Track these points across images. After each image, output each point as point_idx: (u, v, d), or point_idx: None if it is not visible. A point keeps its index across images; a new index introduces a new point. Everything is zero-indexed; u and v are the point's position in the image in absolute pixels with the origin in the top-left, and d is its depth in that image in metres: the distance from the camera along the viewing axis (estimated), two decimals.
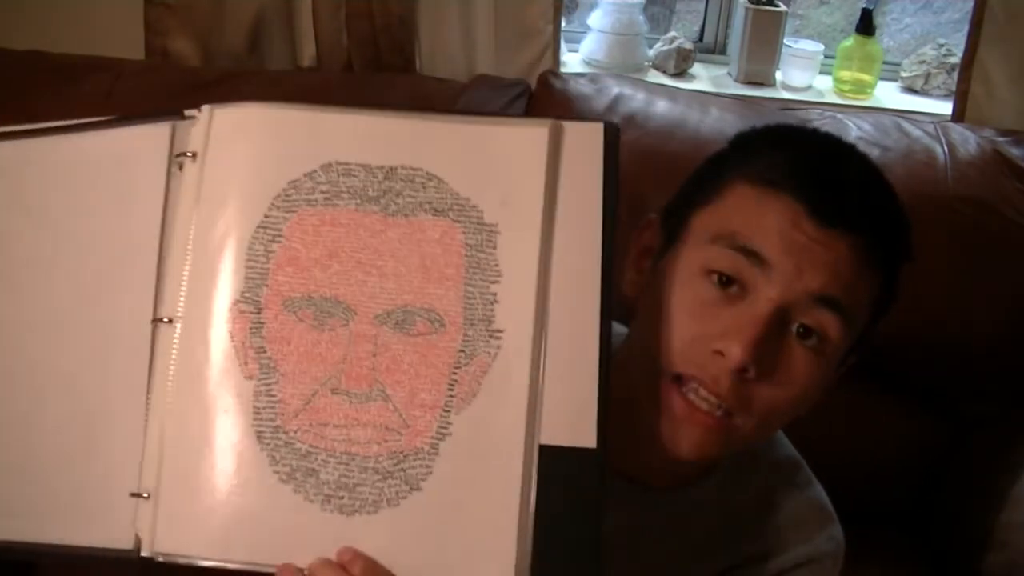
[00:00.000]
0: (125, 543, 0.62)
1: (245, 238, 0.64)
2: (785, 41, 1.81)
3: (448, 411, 0.60)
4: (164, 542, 0.61)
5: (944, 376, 1.40)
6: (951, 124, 1.49)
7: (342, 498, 0.60)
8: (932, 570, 1.38)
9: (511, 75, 1.52)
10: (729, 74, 1.85)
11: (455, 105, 1.39)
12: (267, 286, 0.63)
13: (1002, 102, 1.53)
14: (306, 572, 0.59)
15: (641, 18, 1.84)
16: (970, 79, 1.54)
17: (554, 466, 0.58)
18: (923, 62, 1.83)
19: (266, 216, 0.64)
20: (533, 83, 1.48)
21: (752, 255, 0.71)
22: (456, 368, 0.61)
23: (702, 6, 1.94)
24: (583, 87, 1.43)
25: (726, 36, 1.91)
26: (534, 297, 0.61)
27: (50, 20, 1.57)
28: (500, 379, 0.60)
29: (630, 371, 0.74)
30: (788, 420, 0.78)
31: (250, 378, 0.62)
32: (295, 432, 0.61)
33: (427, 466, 0.60)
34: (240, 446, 0.61)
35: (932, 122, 1.46)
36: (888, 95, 1.83)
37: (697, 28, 1.98)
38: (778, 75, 1.82)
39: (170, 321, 0.64)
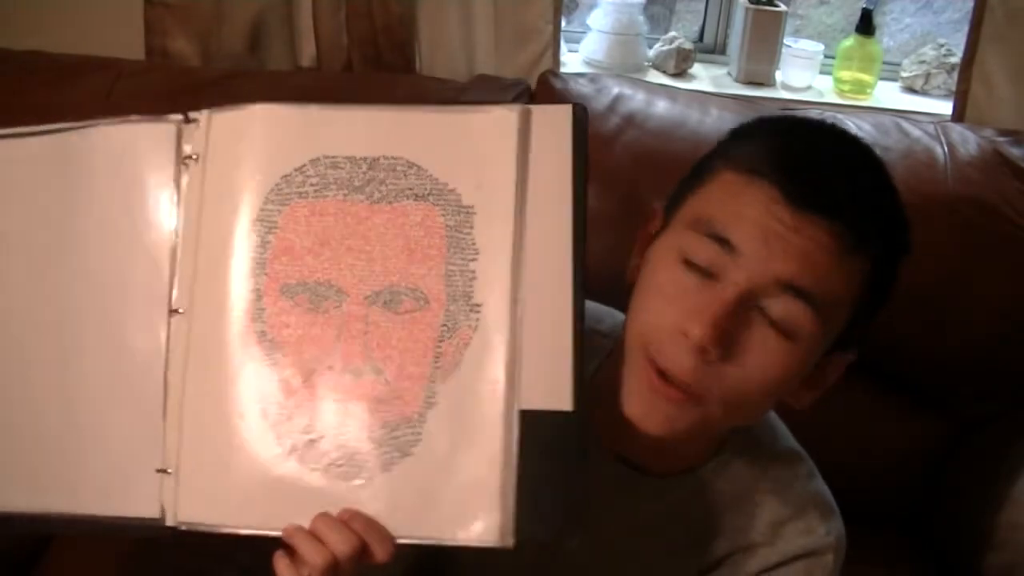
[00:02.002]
0: (151, 513, 0.68)
1: (244, 231, 0.69)
2: (785, 41, 1.81)
3: (434, 382, 0.65)
4: (185, 513, 0.68)
5: (944, 376, 1.40)
6: (951, 124, 1.49)
7: (341, 466, 0.65)
8: (932, 570, 1.38)
9: (511, 75, 1.52)
10: (729, 74, 1.85)
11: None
12: (266, 275, 0.68)
13: (1002, 102, 1.53)
14: (309, 529, 0.64)
15: (641, 18, 1.84)
16: (970, 79, 1.54)
17: (534, 429, 0.62)
18: (923, 62, 1.83)
19: (262, 210, 0.69)
20: (533, 83, 1.48)
21: (724, 242, 0.72)
22: (440, 341, 0.65)
23: (702, 6, 1.94)
24: (583, 87, 1.42)
25: (726, 36, 1.91)
26: (509, 272, 0.65)
27: (50, 20, 1.57)
28: (481, 350, 0.64)
29: (620, 355, 0.76)
30: (764, 407, 0.78)
31: (254, 360, 0.67)
32: (296, 407, 0.66)
33: (417, 433, 0.64)
34: (248, 423, 0.66)
35: (932, 122, 1.46)
36: (888, 95, 1.83)
37: (697, 28, 1.98)
38: (778, 75, 1.82)
39: (182, 312, 0.69)
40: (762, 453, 0.86)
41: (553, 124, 0.67)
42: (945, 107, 1.65)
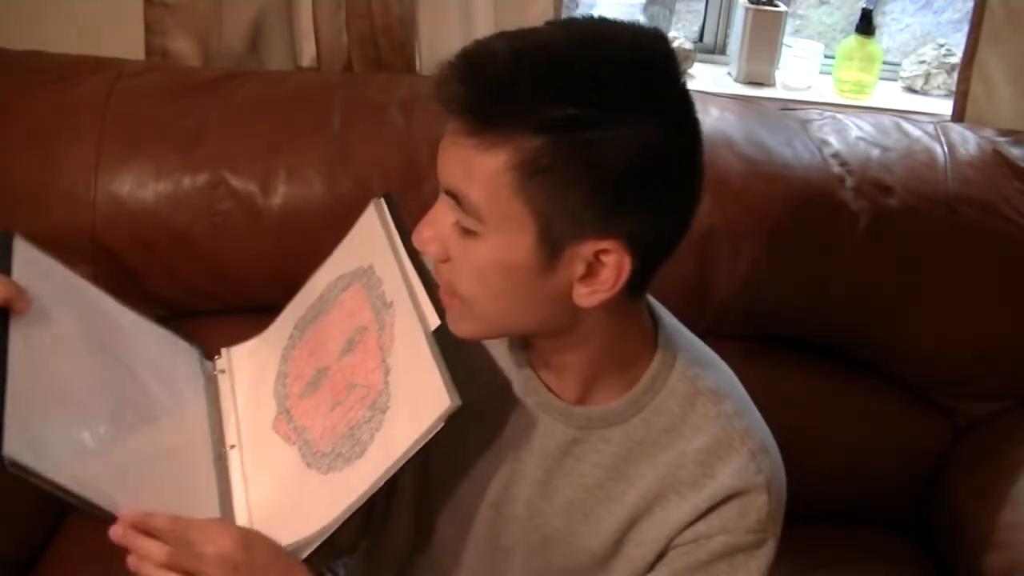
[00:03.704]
0: None
1: (270, 391, 0.99)
2: (785, 41, 1.81)
3: (385, 360, 0.89)
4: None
5: (944, 376, 1.40)
6: (951, 124, 1.49)
7: (355, 454, 0.85)
8: (932, 570, 1.38)
9: None
10: (729, 74, 1.85)
11: None
12: (287, 397, 0.96)
13: (1002, 102, 1.53)
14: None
15: (641, 18, 1.84)
16: (970, 79, 1.54)
17: (437, 336, 0.86)
18: (923, 62, 1.83)
19: (278, 373, 0.99)
20: None
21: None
22: (380, 339, 0.91)
23: (702, 6, 1.94)
24: None
25: (726, 36, 1.91)
26: (400, 275, 0.92)
27: (50, 20, 1.57)
28: (402, 322, 0.89)
29: None
30: (498, 300, 0.78)
31: (293, 443, 0.92)
32: (323, 447, 0.89)
33: (388, 394, 0.86)
34: (302, 481, 0.88)
35: (932, 122, 1.46)
36: (888, 95, 1.83)
37: (697, 28, 1.98)
38: (778, 75, 1.83)
39: (234, 447, 0.95)
40: (686, 389, 0.86)
41: (383, 207, 0.99)
42: (945, 107, 1.66)
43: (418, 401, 0.82)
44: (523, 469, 0.89)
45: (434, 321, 0.87)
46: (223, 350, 1.06)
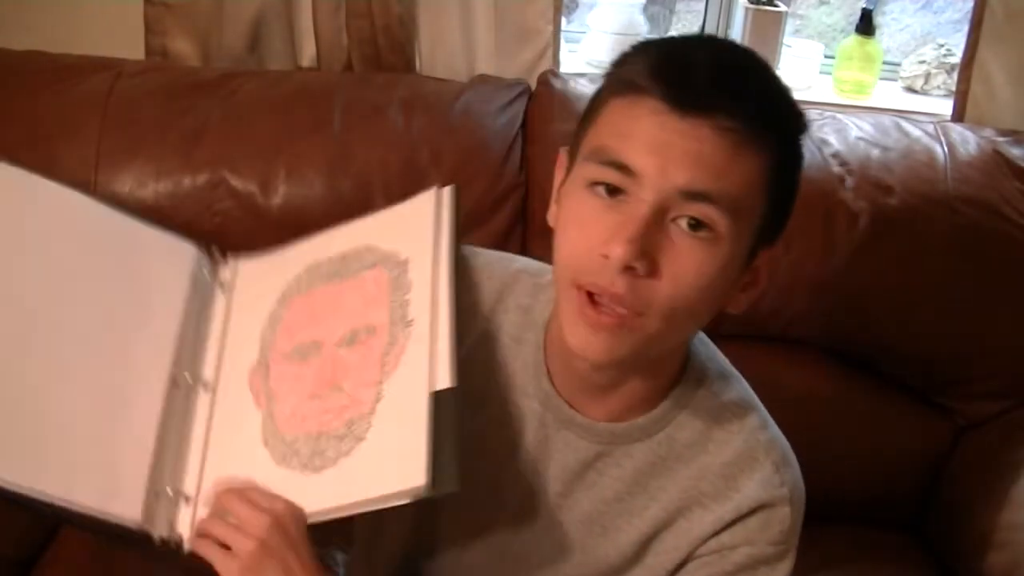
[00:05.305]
0: (134, 521, 0.80)
1: (258, 328, 0.92)
2: (785, 41, 1.81)
3: (381, 383, 0.82)
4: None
5: (944, 376, 1.40)
6: (951, 124, 1.49)
7: (315, 462, 0.81)
8: (932, 570, 1.38)
9: (511, 75, 1.53)
10: None
11: (455, 104, 1.39)
12: (272, 350, 0.90)
13: (1002, 102, 1.53)
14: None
15: (641, 18, 1.84)
16: (970, 79, 1.54)
17: (440, 403, 0.79)
18: (923, 62, 1.83)
19: (273, 311, 0.93)
20: (533, 83, 1.48)
21: (621, 167, 0.73)
22: (385, 355, 0.84)
23: (702, 6, 1.94)
24: (583, 87, 1.43)
25: (726, 36, 1.91)
26: (430, 294, 0.85)
27: (50, 20, 1.57)
28: (413, 353, 0.83)
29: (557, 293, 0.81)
30: (701, 315, 0.78)
31: (260, 408, 0.87)
32: (286, 432, 0.84)
33: (369, 422, 0.81)
34: (253, 453, 0.84)
35: (932, 122, 1.46)
36: (888, 95, 1.83)
37: (697, 28, 1.98)
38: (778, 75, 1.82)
39: (207, 387, 0.90)
40: (711, 403, 0.86)
41: (448, 198, 0.92)
42: (945, 107, 1.65)
43: (393, 460, 0.78)
44: (542, 482, 0.88)
45: (444, 379, 0.79)
46: (231, 257, 0.99)
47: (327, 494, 0.79)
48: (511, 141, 1.38)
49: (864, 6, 1.84)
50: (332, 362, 0.86)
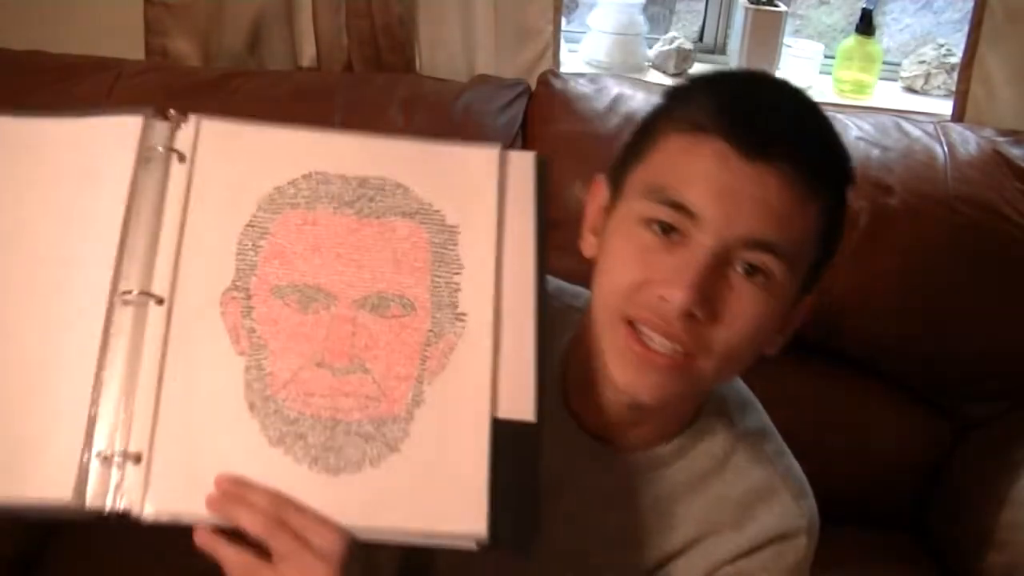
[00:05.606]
0: (64, 497, 0.65)
1: (233, 235, 0.72)
2: (785, 41, 1.81)
3: (421, 382, 0.69)
4: (157, 502, 0.66)
5: (944, 376, 1.40)
6: (951, 124, 1.49)
7: (328, 459, 0.67)
8: (932, 570, 1.38)
9: (511, 75, 1.52)
10: None
11: (455, 104, 1.39)
12: (256, 276, 0.71)
13: (1002, 102, 1.53)
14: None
15: (641, 18, 1.84)
16: (970, 79, 1.54)
17: (504, 437, 0.67)
18: (923, 62, 1.83)
19: (253, 216, 0.73)
20: (533, 83, 1.48)
21: (682, 208, 0.72)
22: (427, 345, 0.70)
23: (702, 6, 1.94)
24: (583, 87, 1.43)
25: (726, 36, 1.91)
26: (492, 287, 0.71)
27: (50, 20, 1.57)
28: (466, 356, 0.69)
29: (592, 328, 0.78)
30: (749, 360, 0.78)
31: (241, 354, 0.69)
32: (283, 400, 0.68)
33: (404, 430, 0.68)
34: (232, 414, 0.67)
35: (932, 122, 1.46)
36: (888, 95, 1.83)
37: (697, 28, 1.98)
38: (778, 75, 1.82)
39: (161, 302, 0.70)
40: (730, 432, 0.85)
41: (522, 165, 0.76)
42: (945, 107, 1.65)
43: (440, 491, 0.66)
44: (558, 508, 0.85)
45: (521, 407, 0.67)
46: (192, 117, 0.76)
47: (347, 507, 0.66)
48: (511, 141, 1.38)
49: (864, 6, 1.84)
50: (350, 326, 0.70)
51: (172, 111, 0.76)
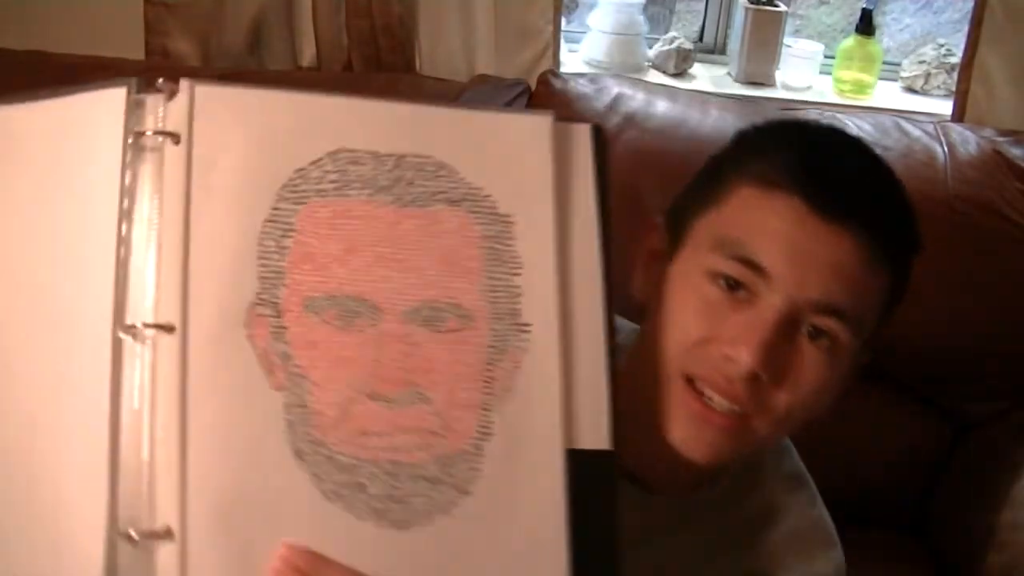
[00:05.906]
0: None
1: (252, 233, 0.58)
2: (785, 41, 1.81)
3: (488, 410, 0.58)
4: None
5: (944, 376, 1.40)
6: (951, 124, 1.49)
7: (394, 511, 0.56)
8: (932, 570, 1.38)
9: (511, 75, 1.52)
10: (729, 74, 1.85)
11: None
12: (285, 286, 0.57)
13: (1002, 102, 1.53)
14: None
15: (641, 18, 1.84)
16: (970, 79, 1.54)
17: (580, 468, 0.58)
18: (923, 62, 1.83)
19: (274, 209, 0.58)
20: (533, 83, 1.48)
21: (753, 265, 0.70)
22: (490, 365, 0.58)
23: (702, 6, 1.94)
24: (583, 87, 1.42)
25: (726, 36, 1.91)
26: (556, 291, 0.60)
27: (50, 20, 1.57)
28: (534, 375, 0.58)
29: (640, 374, 0.74)
30: (804, 422, 0.76)
31: (279, 388, 0.56)
32: (335, 444, 0.56)
33: (474, 468, 0.57)
34: (275, 465, 0.55)
35: (932, 122, 1.46)
36: (888, 95, 1.83)
37: (697, 28, 1.98)
38: (778, 75, 1.82)
39: (172, 330, 0.56)
40: (766, 476, 0.84)
41: (578, 140, 0.63)
42: (945, 107, 1.65)
43: (520, 539, 0.56)
44: None
45: (595, 435, 0.57)
46: (184, 83, 0.62)
47: (423, 567, 0.56)
48: None
49: (864, 6, 1.84)
50: (403, 346, 0.58)
51: (160, 79, 0.63)
